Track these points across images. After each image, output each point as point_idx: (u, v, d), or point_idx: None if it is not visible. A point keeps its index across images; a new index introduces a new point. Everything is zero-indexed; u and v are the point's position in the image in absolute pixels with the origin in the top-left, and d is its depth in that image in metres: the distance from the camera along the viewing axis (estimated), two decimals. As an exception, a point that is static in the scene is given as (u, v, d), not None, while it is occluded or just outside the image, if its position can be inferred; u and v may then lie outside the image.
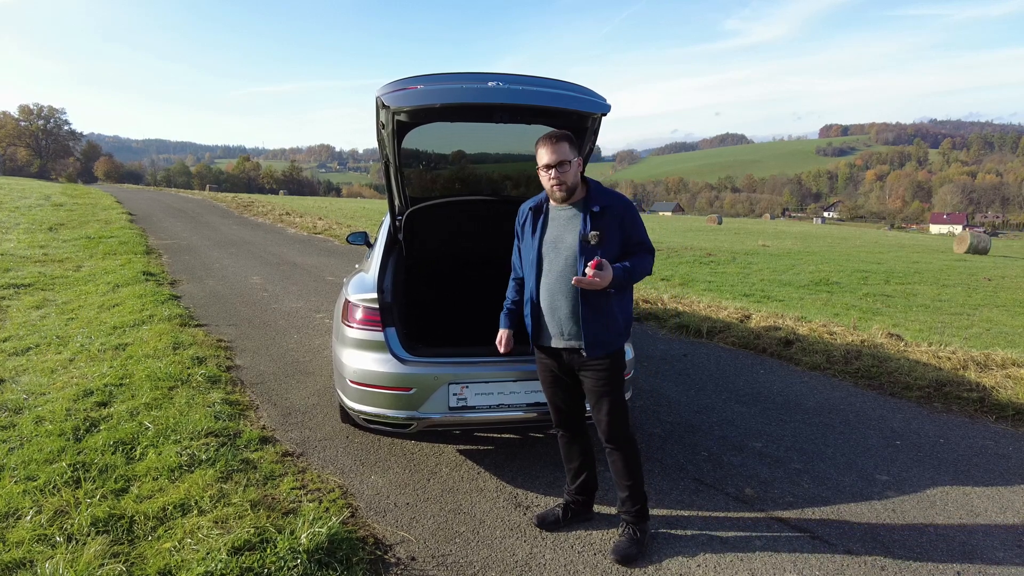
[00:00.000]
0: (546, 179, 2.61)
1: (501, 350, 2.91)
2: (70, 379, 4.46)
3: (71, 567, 2.37)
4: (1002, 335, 8.13)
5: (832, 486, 3.34)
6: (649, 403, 4.50)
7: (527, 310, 2.77)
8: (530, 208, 2.79)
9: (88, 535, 2.59)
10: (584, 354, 2.65)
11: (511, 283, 2.96)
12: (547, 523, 2.89)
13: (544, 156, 2.57)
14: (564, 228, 2.65)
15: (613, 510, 3.00)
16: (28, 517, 2.71)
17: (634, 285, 2.83)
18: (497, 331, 2.85)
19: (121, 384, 4.36)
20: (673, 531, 2.88)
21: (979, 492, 3.32)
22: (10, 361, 4.92)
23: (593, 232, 2.55)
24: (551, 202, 2.72)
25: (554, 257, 2.66)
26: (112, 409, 3.94)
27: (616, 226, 2.60)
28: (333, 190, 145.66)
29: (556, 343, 2.70)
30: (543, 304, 2.70)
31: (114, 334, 5.67)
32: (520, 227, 2.84)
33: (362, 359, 3.23)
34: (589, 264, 2.48)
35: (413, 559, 2.63)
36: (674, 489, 3.27)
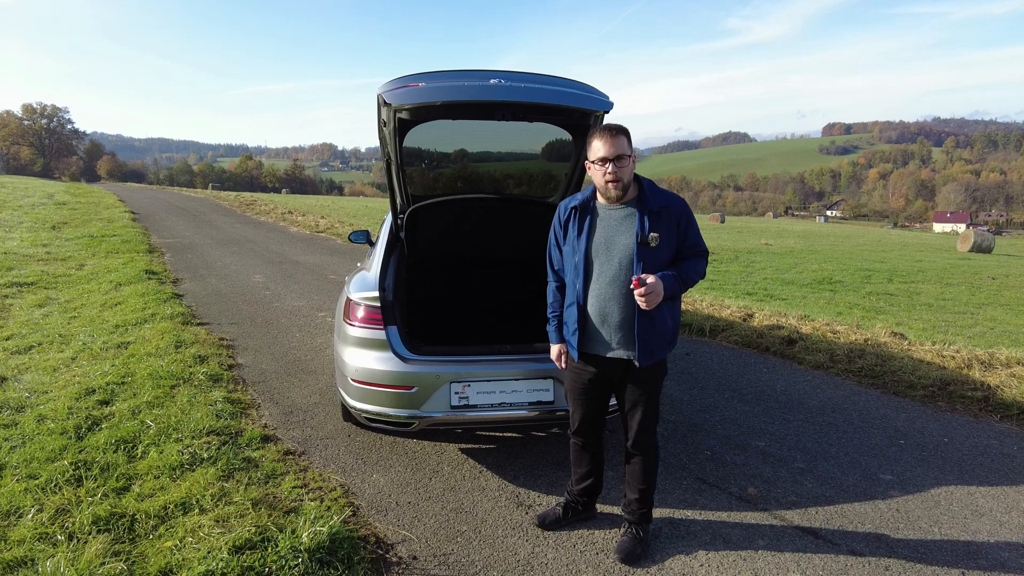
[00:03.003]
0: (600, 175, 2.42)
1: (561, 366, 2.76)
2: (72, 377, 4.47)
3: (72, 566, 2.36)
4: (1006, 334, 8.09)
5: (836, 485, 3.32)
6: (651, 402, 4.48)
7: (571, 315, 2.59)
8: (574, 207, 2.57)
9: (89, 534, 2.59)
10: (637, 364, 2.50)
11: (552, 290, 2.75)
12: (547, 522, 2.87)
13: (601, 149, 2.38)
14: (616, 230, 2.47)
15: (615, 509, 2.99)
16: (30, 515, 2.71)
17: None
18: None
19: (123, 382, 4.36)
20: (676, 530, 2.87)
21: (984, 492, 3.30)
22: (12, 359, 4.93)
23: (653, 234, 2.39)
24: (599, 200, 2.54)
25: (605, 261, 2.48)
26: (114, 407, 3.94)
27: (673, 228, 2.46)
28: (335, 189, 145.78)
29: (605, 352, 2.55)
30: (591, 311, 2.52)
31: (116, 332, 5.67)
32: (561, 227, 2.63)
33: (364, 358, 3.22)
34: (632, 283, 2.35)
35: (415, 558, 2.62)
36: (677, 488, 3.26)
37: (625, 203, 2.49)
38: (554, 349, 2.76)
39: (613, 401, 2.95)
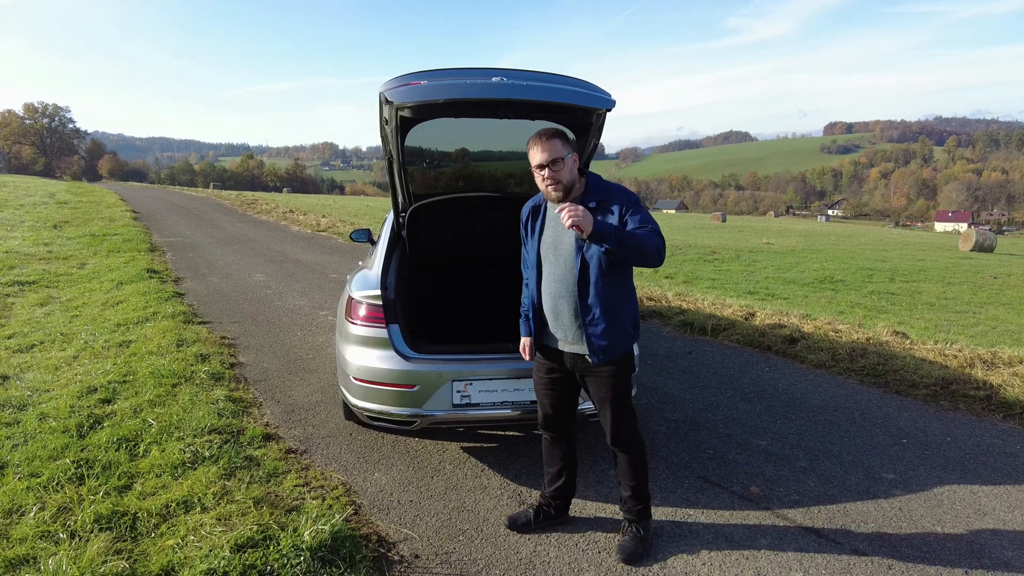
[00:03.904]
0: (540, 180, 2.46)
1: (526, 358, 2.79)
2: (74, 376, 4.47)
3: (74, 564, 2.36)
4: (1008, 333, 8.08)
5: (838, 484, 3.32)
6: (653, 400, 4.48)
7: (531, 312, 2.68)
8: (530, 208, 2.68)
9: (91, 532, 2.59)
10: (590, 360, 2.54)
11: (524, 287, 2.82)
12: (518, 524, 2.84)
13: (536, 155, 2.43)
14: (562, 228, 2.51)
15: (617, 508, 2.98)
16: (32, 513, 2.71)
17: (636, 285, 2.67)
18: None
19: (124, 381, 4.36)
20: (678, 529, 2.86)
21: (987, 491, 3.29)
22: (14, 358, 4.93)
23: None
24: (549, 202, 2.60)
25: (554, 260, 2.56)
26: (115, 406, 3.94)
27: (615, 219, 2.44)
28: (336, 188, 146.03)
29: (561, 346, 2.62)
30: (545, 308, 2.61)
31: (118, 331, 5.67)
32: (523, 228, 2.74)
33: (366, 356, 3.22)
34: (563, 208, 2.24)
35: (416, 557, 2.62)
36: (679, 487, 3.25)
37: (571, 201, 2.51)
38: (523, 342, 2.80)
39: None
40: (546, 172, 2.43)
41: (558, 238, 2.55)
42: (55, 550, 2.46)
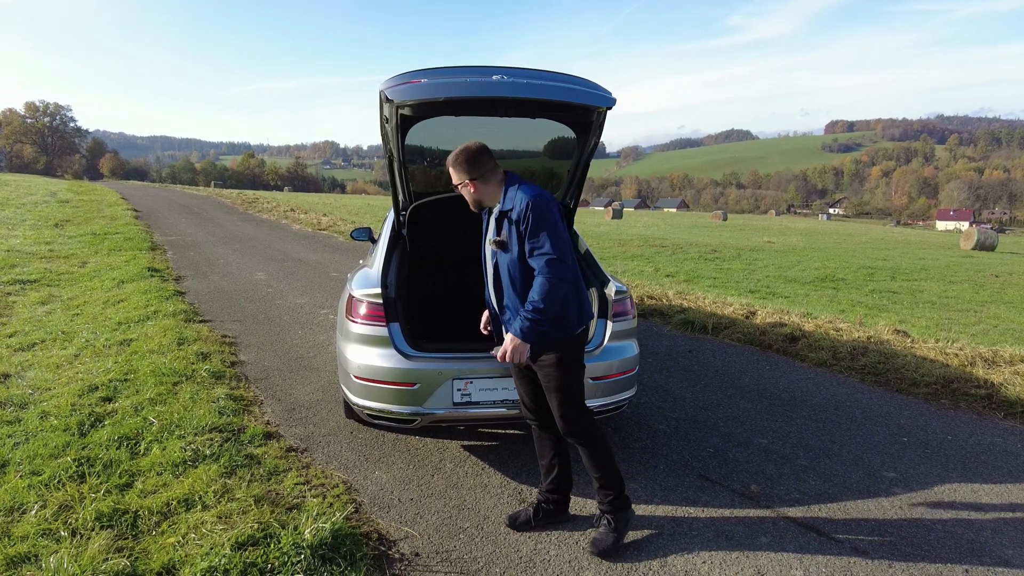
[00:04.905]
0: None
1: (481, 330, 3.01)
2: (75, 374, 4.47)
3: (75, 561, 2.37)
4: (1009, 332, 8.07)
5: (839, 483, 3.31)
6: (654, 399, 4.48)
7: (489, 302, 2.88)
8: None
9: (92, 530, 2.59)
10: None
11: None
12: (518, 523, 2.83)
13: None
14: (491, 234, 2.73)
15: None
16: (33, 511, 2.72)
17: (637, 283, 2.77)
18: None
19: (126, 379, 4.36)
20: (678, 527, 2.86)
21: (987, 489, 3.29)
22: (16, 356, 4.93)
23: (496, 237, 2.61)
24: None
25: (487, 259, 2.77)
26: (116, 404, 3.94)
27: (514, 231, 2.55)
28: (337, 187, 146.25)
29: (501, 336, 2.79)
30: (491, 302, 2.82)
31: (119, 330, 5.68)
32: None
33: (366, 354, 3.23)
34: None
35: (417, 555, 2.62)
36: (679, 486, 3.25)
37: (493, 208, 2.70)
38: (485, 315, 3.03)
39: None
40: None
41: (488, 241, 2.75)
42: (56, 548, 2.47)
